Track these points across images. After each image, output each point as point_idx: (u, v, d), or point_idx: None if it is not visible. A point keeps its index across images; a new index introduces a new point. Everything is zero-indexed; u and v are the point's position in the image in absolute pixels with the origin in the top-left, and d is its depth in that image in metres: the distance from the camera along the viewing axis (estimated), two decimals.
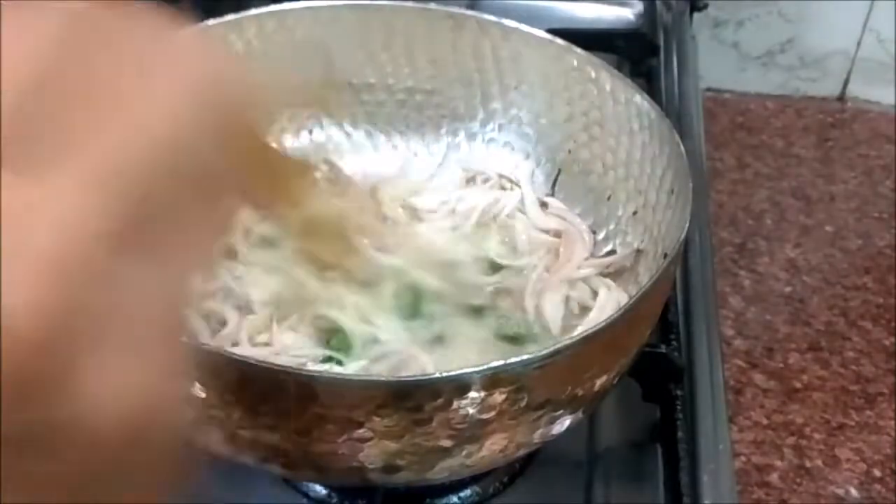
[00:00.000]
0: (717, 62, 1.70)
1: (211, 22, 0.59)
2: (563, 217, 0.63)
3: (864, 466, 1.18)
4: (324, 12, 0.63)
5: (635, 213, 0.59)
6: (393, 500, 0.52)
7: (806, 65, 1.74)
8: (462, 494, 0.54)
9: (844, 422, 1.23)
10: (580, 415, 0.48)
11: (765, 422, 1.23)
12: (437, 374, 0.41)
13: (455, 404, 0.40)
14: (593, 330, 0.43)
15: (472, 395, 0.40)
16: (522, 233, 0.62)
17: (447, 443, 0.42)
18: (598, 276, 0.59)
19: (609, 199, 0.61)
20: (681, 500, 0.54)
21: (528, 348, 0.55)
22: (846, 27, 1.68)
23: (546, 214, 0.63)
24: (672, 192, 0.54)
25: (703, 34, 1.59)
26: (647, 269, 0.57)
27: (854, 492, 1.16)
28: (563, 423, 0.46)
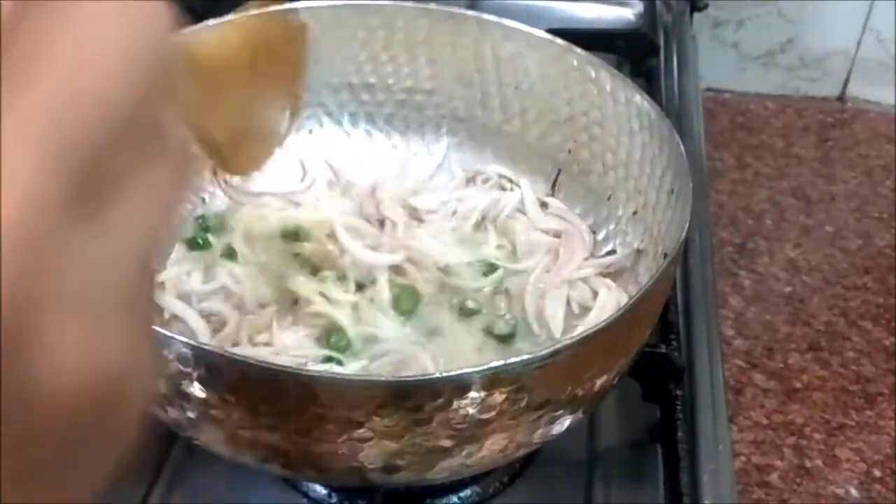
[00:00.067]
0: (717, 62, 1.70)
1: (211, 22, 0.59)
2: (563, 217, 0.63)
3: (864, 466, 1.18)
4: (324, 12, 0.63)
5: (635, 213, 0.59)
6: (393, 500, 0.52)
7: (806, 65, 1.74)
8: (462, 494, 0.54)
9: (844, 422, 1.23)
10: (580, 415, 0.48)
11: (765, 422, 1.22)
12: (437, 374, 0.41)
13: (455, 404, 0.40)
14: (593, 330, 0.43)
15: (472, 395, 0.40)
16: (522, 233, 0.62)
17: (447, 443, 0.42)
18: (598, 276, 0.59)
19: (609, 199, 0.61)
20: (681, 500, 0.54)
21: (517, 347, 0.55)
22: (846, 27, 1.68)
23: (546, 214, 0.63)
24: (672, 192, 0.54)
25: (703, 34, 1.59)
26: (647, 269, 0.57)
27: (854, 492, 1.15)
28: (563, 423, 0.46)
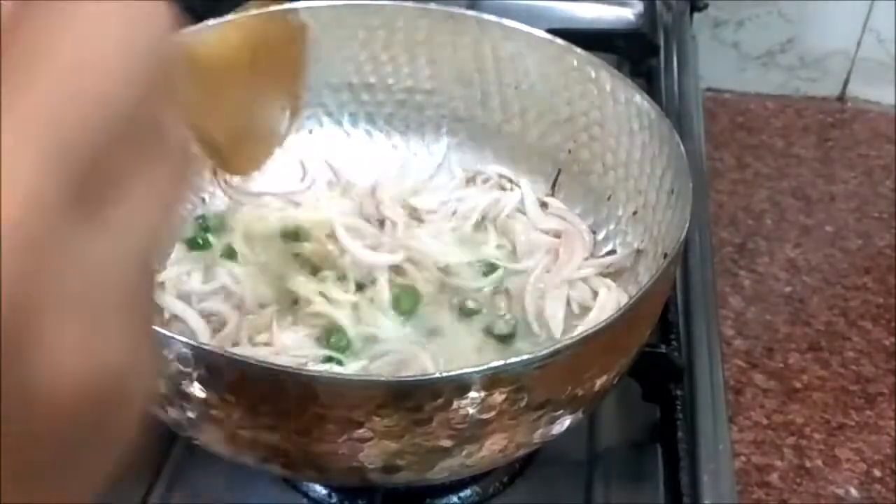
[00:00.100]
0: (717, 62, 1.70)
1: (211, 22, 0.59)
2: (563, 217, 0.63)
3: (864, 466, 1.18)
4: (324, 12, 0.63)
5: (635, 213, 0.59)
6: (393, 500, 0.52)
7: (806, 65, 1.74)
8: (462, 494, 0.54)
9: (844, 422, 1.23)
10: (580, 415, 0.48)
11: (765, 422, 1.22)
12: (437, 374, 0.41)
13: (455, 404, 0.40)
14: (593, 330, 0.43)
15: (472, 395, 0.40)
16: (522, 233, 0.62)
17: (447, 443, 0.42)
18: (598, 277, 0.59)
19: (609, 199, 0.61)
20: (681, 500, 0.54)
21: (517, 347, 0.55)
22: (846, 27, 1.68)
23: (546, 214, 0.63)
24: (672, 192, 0.54)
25: (703, 34, 1.58)
26: (647, 269, 0.57)
27: (854, 492, 1.15)
28: (563, 423, 0.46)
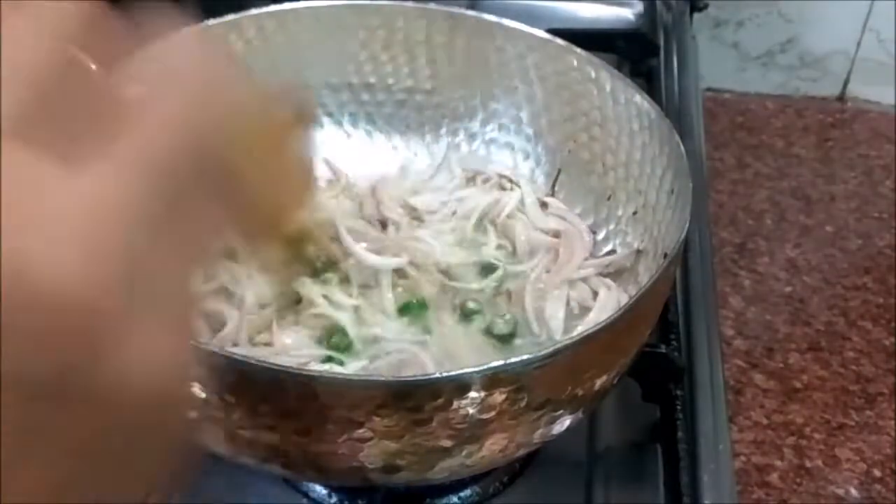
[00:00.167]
0: (717, 62, 1.70)
1: (211, 22, 0.59)
2: (563, 217, 0.63)
3: (864, 466, 1.18)
4: (324, 12, 0.63)
5: (635, 213, 0.59)
6: (393, 500, 0.52)
7: (806, 65, 1.74)
8: (462, 494, 0.54)
9: (844, 422, 1.23)
10: (580, 415, 0.48)
11: (765, 422, 1.22)
12: (437, 374, 0.41)
13: (455, 404, 0.40)
14: (593, 330, 0.43)
15: (472, 395, 0.40)
16: (522, 233, 0.62)
17: (447, 443, 0.42)
18: (598, 277, 0.59)
19: (609, 199, 0.61)
20: (681, 500, 0.54)
21: (517, 347, 0.55)
22: (846, 27, 1.68)
23: (546, 214, 0.63)
24: (672, 192, 0.54)
25: (703, 34, 1.59)
26: (647, 269, 0.57)
27: (854, 492, 1.16)
28: (563, 423, 0.46)
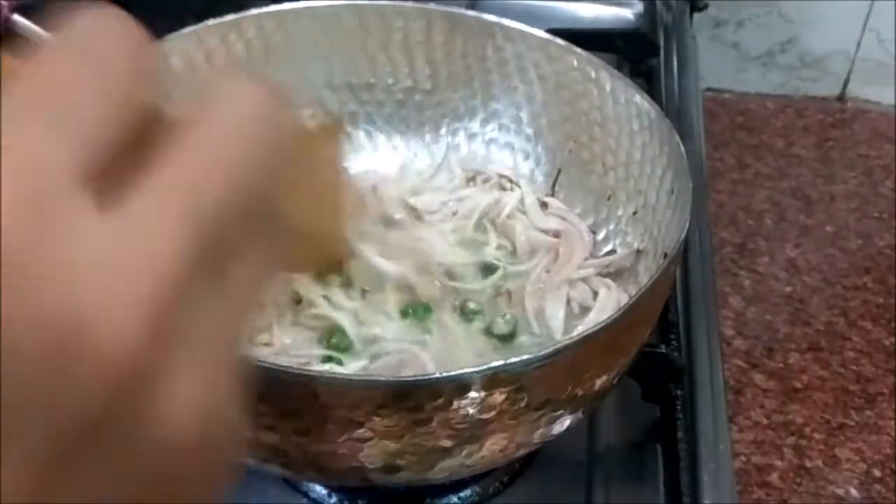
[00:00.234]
0: (717, 62, 1.70)
1: (211, 22, 0.59)
2: (563, 217, 0.63)
3: (864, 466, 1.18)
4: (324, 12, 0.63)
5: (635, 213, 0.59)
6: (393, 500, 0.52)
7: (806, 65, 1.74)
8: (462, 494, 0.54)
9: (844, 422, 1.23)
10: (580, 415, 0.48)
11: (765, 422, 1.22)
12: (437, 374, 0.41)
13: (455, 404, 0.40)
14: (593, 330, 0.43)
15: (472, 395, 0.40)
16: (522, 233, 0.62)
17: (447, 443, 0.42)
18: (598, 277, 0.59)
19: (609, 199, 0.61)
20: (681, 500, 0.54)
21: (517, 347, 0.55)
22: (846, 27, 1.68)
23: (546, 214, 0.63)
24: (672, 192, 0.54)
25: (703, 34, 1.59)
26: (647, 269, 0.57)
27: (854, 492, 1.16)
28: (563, 423, 0.46)
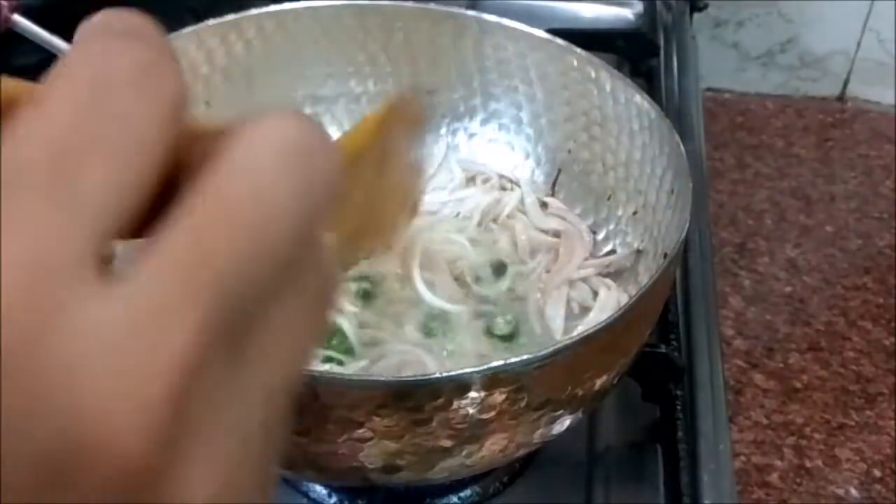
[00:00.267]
0: (717, 62, 1.70)
1: (211, 22, 0.59)
2: (563, 217, 0.63)
3: (864, 466, 1.18)
4: (324, 12, 0.63)
5: (635, 213, 0.59)
6: (393, 500, 0.52)
7: (806, 65, 1.74)
8: (462, 494, 0.54)
9: (844, 422, 1.23)
10: (580, 415, 0.48)
11: (765, 422, 1.22)
12: (437, 374, 0.41)
13: (455, 404, 0.40)
14: (593, 330, 0.43)
15: (472, 395, 0.40)
16: (522, 233, 0.62)
17: (447, 443, 0.42)
18: (598, 277, 0.59)
19: (609, 199, 0.61)
20: (681, 500, 0.54)
21: (518, 347, 0.55)
22: (846, 27, 1.68)
23: (546, 214, 0.63)
24: (672, 192, 0.54)
25: (703, 34, 1.59)
26: (647, 269, 0.57)
27: (854, 492, 1.16)
28: (563, 423, 0.46)
